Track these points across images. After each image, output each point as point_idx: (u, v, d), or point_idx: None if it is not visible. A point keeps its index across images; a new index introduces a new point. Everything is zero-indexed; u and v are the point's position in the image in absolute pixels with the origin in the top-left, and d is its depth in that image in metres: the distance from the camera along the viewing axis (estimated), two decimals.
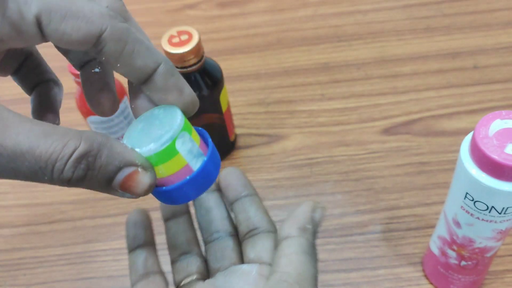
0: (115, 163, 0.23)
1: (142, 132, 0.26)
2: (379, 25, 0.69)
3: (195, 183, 0.26)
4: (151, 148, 0.25)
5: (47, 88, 0.30)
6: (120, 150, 0.23)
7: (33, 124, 0.22)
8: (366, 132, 0.57)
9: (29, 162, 0.21)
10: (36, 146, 0.21)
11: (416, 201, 0.51)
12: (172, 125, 0.25)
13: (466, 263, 0.40)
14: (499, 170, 0.31)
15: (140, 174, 0.24)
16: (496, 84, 0.60)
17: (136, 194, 0.24)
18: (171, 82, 0.26)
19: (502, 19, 0.67)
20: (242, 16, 0.73)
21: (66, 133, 0.22)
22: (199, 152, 0.26)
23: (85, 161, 0.22)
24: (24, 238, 0.53)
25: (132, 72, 0.25)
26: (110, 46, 0.24)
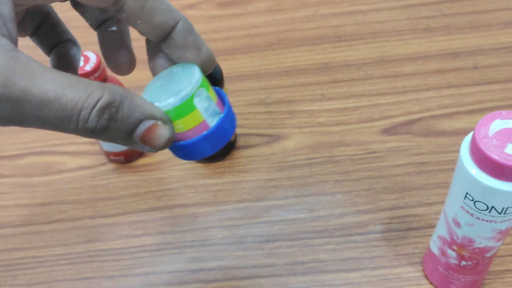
0: (136, 115, 0.24)
1: (161, 88, 0.27)
2: (379, 25, 0.69)
3: (211, 139, 0.27)
4: (170, 102, 0.25)
5: (66, 48, 0.31)
6: (141, 103, 0.24)
7: (58, 74, 0.22)
8: (366, 132, 0.57)
9: (56, 110, 0.22)
10: (63, 94, 0.22)
11: (416, 201, 0.51)
12: (191, 81, 0.26)
13: (466, 263, 0.40)
14: (499, 170, 0.31)
15: (159, 127, 0.25)
16: (496, 84, 0.60)
17: (155, 147, 0.25)
18: (190, 40, 0.26)
19: (502, 19, 0.67)
20: (242, 16, 0.73)
21: (90, 84, 0.22)
22: (216, 110, 0.27)
23: (108, 112, 0.23)
24: (24, 238, 0.53)
25: (151, 29, 0.26)
26: (130, 2, 0.24)
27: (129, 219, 0.53)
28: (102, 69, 0.50)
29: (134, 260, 0.50)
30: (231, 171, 0.56)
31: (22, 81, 0.21)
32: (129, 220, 0.53)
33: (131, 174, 0.57)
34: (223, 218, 0.52)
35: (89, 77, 0.49)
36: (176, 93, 0.26)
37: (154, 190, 0.55)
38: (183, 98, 0.25)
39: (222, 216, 0.52)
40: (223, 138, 0.28)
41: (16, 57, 0.22)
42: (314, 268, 0.47)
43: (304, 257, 0.48)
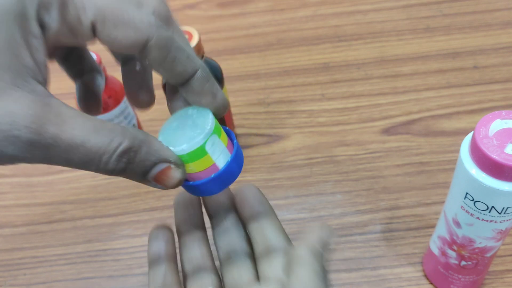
0: (152, 159, 0.26)
1: (176, 130, 0.29)
2: (379, 25, 0.69)
3: (220, 180, 0.29)
4: (184, 148, 0.28)
5: (92, 79, 0.33)
6: (157, 147, 0.27)
7: (85, 120, 0.24)
8: (366, 132, 0.57)
9: (81, 153, 0.24)
10: (88, 140, 0.24)
11: (416, 201, 0.51)
12: (204, 128, 0.28)
13: (466, 263, 0.40)
14: (499, 170, 0.31)
15: (172, 170, 0.27)
16: (496, 84, 0.60)
17: (167, 187, 0.28)
18: (206, 88, 0.29)
19: (502, 19, 0.67)
20: (242, 16, 0.73)
21: (113, 129, 0.25)
22: (226, 152, 0.30)
23: (127, 156, 0.25)
24: (24, 238, 0.53)
25: (172, 76, 0.28)
26: (154, 52, 0.26)
27: (129, 219, 0.53)
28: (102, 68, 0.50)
29: (134, 260, 0.50)
30: None
31: (53, 128, 0.23)
32: (129, 220, 0.53)
33: None
34: None
35: None
36: (190, 139, 0.28)
37: (154, 190, 0.55)
38: (196, 145, 0.28)
39: None
40: (231, 178, 0.30)
41: (50, 103, 0.24)
42: None
43: None
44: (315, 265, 0.28)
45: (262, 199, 0.33)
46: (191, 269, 0.33)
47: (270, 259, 0.31)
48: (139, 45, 0.26)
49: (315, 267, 0.27)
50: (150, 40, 0.26)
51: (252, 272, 0.32)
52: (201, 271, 0.32)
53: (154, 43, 0.26)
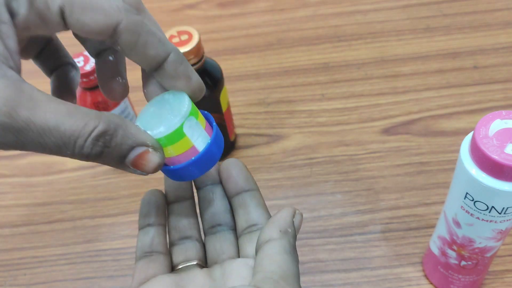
0: (129, 143, 0.26)
1: (154, 115, 0.29)
2: (379, 25, 0.69)
3: (200, 163, 0.29)
4: (161, 131, 0.27)
5: (66, 71, 0.33)
6: (134, 131, 0.26)
7: (58, 104, 0.24)
8: (366, 132, 0.57)
9: (55, 137, 0.24)
10: (61, 123, 0.24)
11: (416, 201, 0.51)
12: (180, 110, 0.28)
13: (466, 263, 0.40)
14: (499, 170, 0.31)
15: (150, 154, 0.27)
16: (496, 84, 0.60)
17: (146, 171, 0.27)
18: (180, 70, 0.28)
19: (502, 19, 0.67)
20: (242, 16, 0.73)
21: (87, 113, 0.24)
22: (205, 135, 0.29)
23: (103, 139, 0.25)
24: (24, 238, 0.53)
25: (144, 61, 0.28)
26: (125, 37, 0.26)
27: (129, 219, 0.53)
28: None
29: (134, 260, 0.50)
30: None
31: (25, 112, 0.23)
32: (129, 220, 0.53)
33: (131, 174, 0.57)
34: None
35: (88, 77, 0.49)
36: (167, 122, 0.28)
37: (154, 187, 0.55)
38: (173, 127, 0.28)
39: None
40: (211, 161, 0.30)
41: (22, 88, 0.24)
42: (314, 268, 0.47)
43: (304, 257, 0.48)
44: (284, 243, 0.28)
45: (247, 175, 0.34)
46: (178, 237, 0.34)
47: (251, 235, 0.32)
48: (108, 30, 0.25)
49: (285, 245, 0.28)
50: (119, 24, 0.25)
51: (234, 245, 0.33)
52: (186, 239, 0.33)
53: (124, 27, 0.26)
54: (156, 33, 0.27)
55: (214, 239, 0.33)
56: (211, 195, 0.34)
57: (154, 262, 0.32)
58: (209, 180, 0.34)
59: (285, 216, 0.30)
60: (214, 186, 0.34)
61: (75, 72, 0.33)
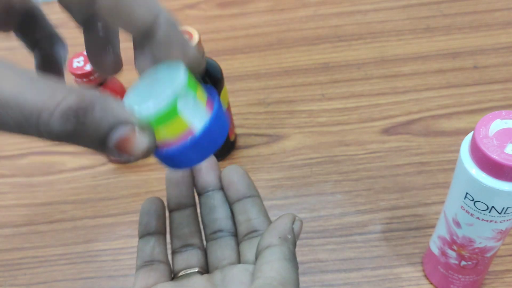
0: (109, 119, 0.22)
1: (144, 90, 0.24)
2: (379, 25, 0.69)
3: (199, 146, 0.25)
4: (150, 106, 0.23)
5: (50, 43, 0.30)
6: (115, 106, 0.22)
7: (21, 74, 0.20)
8: (366, 132, 0.57)
9: (13, 111, 0.20)
10: (22, 95, 0.20)
11: (416, 201, 0.51)
12: (174, 83, 0.23)
13: (466, 263, 0.40)
14: (499, 170, 0.31)
15: (137, 134, 0.22)
16: (496, 84, 0.60)
17: (133, 156, 0.23)
18: (173, 36, 0.25)
19: (502, 19, 0.67)
20: (242, 16, 0.73)
21: (56, 85, 0.21)
22: (205, 113, 0.25)
23: (74, 115, 0.21)
24: (24, 238, 0.53)
25: (130, 26, 0.24)
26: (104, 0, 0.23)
27: (129, 219, 0.53)
28: None
29: (134, 260, 0.50)
30: None
31: None
32: (129, 220, 0.53)
33: (131, 174, 0.57)
34: None
35: (89, 77, 0.49)
36: (158, 96, 0.23)
37: (154, 190, 0.55)
38: (165, 102, 0.23)
39: None
40: (213, 144, 0.25)
41: None
42: (314, 268, 0.48)
43: (304, 257, 0.48)
44: (284, 250, 0.28)
45: (248, 182, 0.33)
46: (179, 245, 0.34)
47: (251, 241, 0.32)
48: None
49: (284, 251, 0.28)
50: None
51: (235, 251, 0.33)
52: (188, 247, 0.33)
53: None
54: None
55: (215, 245, 0.33)
56: (212, 201, 0.34)
57: (155, 271, 0.32)
58: (210, 186, 0.34)
59: (284, 223, 0.30)
60: (215, 192, 0.34)
61: (61, 44, 0.30)
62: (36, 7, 0.29)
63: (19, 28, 0.29)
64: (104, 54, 0.28)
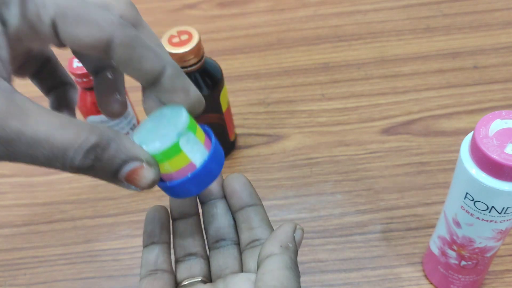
0: (122, 157, 0.25)
1: (151, 130, 0.28)
2: (379, 25, 0.69)
3: (197, 180, 0.28)
4: (157, 146, 0.27)
5: (64, 91, 0.33)
6: (128, 145, 0.25)
7: (51, 115, 0.23)
8: (366, 132, 0.57)
9: (45, 149, 0.23)
10: (52, 135, 0.23)
11: (416, 201, 0.51)
12: (177, 125, 0.27)
13: (466, 263, 0.40)
14: (499, 170, 0.31)
15: (144, 169, 0.26)
16: (496, 84, 0.60)
17: (140, 187, 0.26)
18: (178, 84, 0.28)
19: (502, 19, 0.67)
20: (242, 16, 0.73)
21: (80, 125, 0.24)
22: (203, 150, 0.28)
23: (94, 152, 0.24)
24: (24, 238, 0.53)
25: (140, 75, 0.27)
26: (119, 51, 0.26)
27: (129, 219, 0.53)
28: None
29: (134, 260, 0.50)
30: (231, 171, 0.56)
31: (16, 123, 0.22)
32: (129, 220, 0.53)
33: None
34: None
35: (88, 77, 0.49)
36: (163, 136, 0.27)
37: (154, 190, 0.55)
38: (169, 142, 0.27)
39: None
40: (210, 177, 0.29)
41: (13, 98, 0.23)
42: (314, 268, 0.48)
43: (304, 257, 0.48)
44: (285, 259, 0.29)
45: (250, 191, 0.34)
46: (183, 254, 0.34)
47: (253, 250, 0.32)
48: (101, 44, 0.25)
49: (286, 260, 0.28)
50: (113, 38, 0.25)
51: (237, 260, 0.33)
52: (191, 256, 0.33)
53: (118, 41, 0.25)
54: (152, 48, 0.27)
55: (218, 254, 0.33)
56: (215, 210, 0.34)
57: (159, 280, 0.32)
58: (213, 195, 0.34)
59: (286, 232, 0.30)
60: (218, 201, 0.34)
61: (74, 91, 0.33)
62: (51, 53, 0.32)
63: (36, 76, 0.32)
64: (112, 97, 0.31)
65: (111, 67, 0.31)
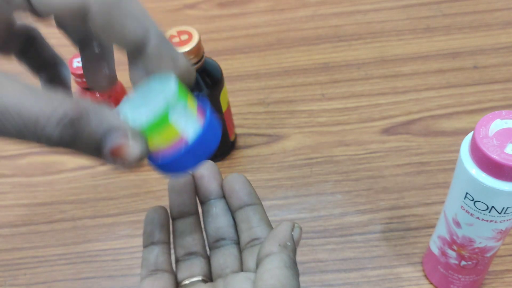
0: (103, 126, 0.23)
1: (137, 100, 0.26)
2: (379, 25, 0.69)
3: (192, 154, 0.26)
4: (142, 114, 0.24)
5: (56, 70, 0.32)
6: (108, 113, 0.24)
7: (25, 87, 0.22)
8: (366, 132, 0.57)
9: (15, 119, 0.22)
10: (22, 103, 0.21)
11: (416, 201, 0.51)
12: (166, 94, 0.25)
13: (466, 263, 0.40)
14: (499, 170, 0.31)
15: (129, 141, 0.24)
16: (496, 84, 0.60)
17: (127, 162, 0.24)
18: (164, 52, 0.26)
19: (502, 19, 0.67)
20: (242, 16, 0.73)
21: (54, 96, 0.22)
22: (196, 121, 0.26)
23: (70, 122, 0.22)
24: (24, 238, 0.53)
25: (122, 44, 0.26)
26: (97, 18, 0.24)
27: (129, 219, 0.53)
28: None
29: (134, 260, 0.50)
30: (231, 171, 0.56)
31: None
32: (129, 220, 0.53)
33: (131, 174, 0.57)
34: None
35: None
36: (150, 108, 0.25)
37: (154, 190, 0.55)
38: (156, 110, 0.24)
39: None
40: (206, 150, 0.27)
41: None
42: (314, 268, 0.48)
43: (304, 257, 0.48)
44: (284, 257, 0.28)
45: (249, 190, 0.33)
46: (183, 253, 0.34)
47: (253, 249, 0.32)
48: (77, 10, 0.24)
49: (284, 259, 0.28)
50: (89, 3, 0.24)
51: (237, 259, 0.33)
52: (192, 255, 0.33)
53: (95, 7, 0.24)
54: (134, 13, 0.25)
55: (218, 254, 0.33)
56: (215, 209, 0.34)
57: (159, 280, 0.32)
58: (212, 195, 0.34)
59: (284, 230, 0.30)
60: (217, 201, 0.34)
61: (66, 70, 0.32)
62: (37, 31, 0.31)
63: (21, 53, 0.31)
64: (99, 70, 0.30)
65: (97, 39, 0.30)
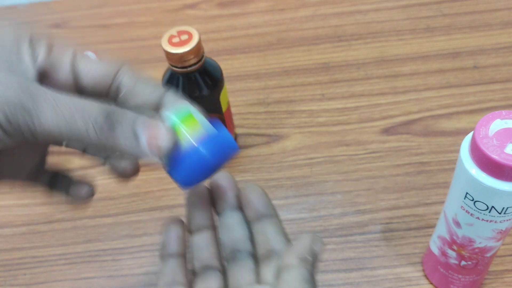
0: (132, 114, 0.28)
1: None
2: (379, 25, 0.69)
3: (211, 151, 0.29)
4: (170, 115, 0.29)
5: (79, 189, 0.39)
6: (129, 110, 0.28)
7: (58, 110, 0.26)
8: (366, 132, 0.57)
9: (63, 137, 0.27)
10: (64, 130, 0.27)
11: (416, 201, 0.51)
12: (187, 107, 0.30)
13: (466, 263, 0.40)
14: (499, 170, 0.31)
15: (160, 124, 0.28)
16: (496, 84, 0.60)
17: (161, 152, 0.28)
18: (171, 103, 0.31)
19: (502, 19, 0.67)
20: (242, 16, 0.73)
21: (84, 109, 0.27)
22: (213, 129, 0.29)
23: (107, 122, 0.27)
24: (24, 238, 0.53)
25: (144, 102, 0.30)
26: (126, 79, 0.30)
27: (129, 219, 0.53)
28: None
29: (134, 260, 0.50)
30: (231, 171, 0.55)
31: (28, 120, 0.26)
32: (129, 220, 0.53)
33: None
34: None
35: None
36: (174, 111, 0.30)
37: (154, 190, 0.55)
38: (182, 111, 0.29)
39: None
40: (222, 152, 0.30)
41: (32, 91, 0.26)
42: None
43: None
44: (303, 271, 0.28)
45: (266, 201, 0.34)
46: (200, 268, 0.33)
47: (270, 262, 0.31)
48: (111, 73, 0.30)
49: (303, 273, 0.28)
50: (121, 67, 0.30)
51: (253, 272, 0.32)
52: (208, 270, 0.33)
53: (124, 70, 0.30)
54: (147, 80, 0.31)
55: (235, 267, 0.33)
56: (231, 220, 0.34)
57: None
58: (229, 206, 0.34)
59: (304, 243, 0.30)
60: (233, 212, 0.34)
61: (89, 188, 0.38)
62: (65, 171, 0.37)
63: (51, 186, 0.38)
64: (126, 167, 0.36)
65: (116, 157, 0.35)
